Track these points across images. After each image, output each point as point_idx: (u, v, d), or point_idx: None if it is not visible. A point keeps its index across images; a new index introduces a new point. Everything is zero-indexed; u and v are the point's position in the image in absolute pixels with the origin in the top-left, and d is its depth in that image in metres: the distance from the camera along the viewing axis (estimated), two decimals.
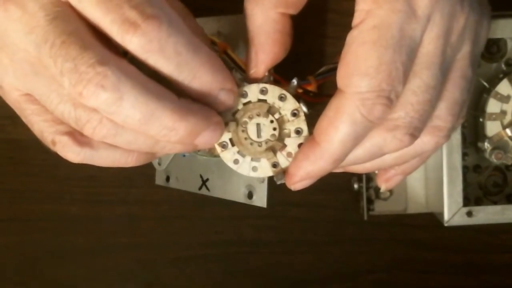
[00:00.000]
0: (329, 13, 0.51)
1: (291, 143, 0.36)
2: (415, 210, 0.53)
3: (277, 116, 0.36)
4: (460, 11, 0.33)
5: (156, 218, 0.57)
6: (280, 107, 0.36)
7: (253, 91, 0.36)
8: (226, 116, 0.36)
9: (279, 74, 0.38)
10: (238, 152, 0.37)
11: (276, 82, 0.37)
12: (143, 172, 0.53)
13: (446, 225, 0.46)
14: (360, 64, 0.32)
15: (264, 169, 0.37)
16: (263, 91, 0.36)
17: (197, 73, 0.32)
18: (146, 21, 0.30)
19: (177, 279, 0.58)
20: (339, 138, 0.33)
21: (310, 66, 0.41)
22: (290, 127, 0.36)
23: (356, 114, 0.32)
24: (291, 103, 0.36)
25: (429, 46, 0.33)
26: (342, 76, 0.32)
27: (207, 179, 0.45)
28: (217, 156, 0.37)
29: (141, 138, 0.33)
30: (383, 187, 0.41)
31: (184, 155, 0.45)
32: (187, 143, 0.33)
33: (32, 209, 0.57)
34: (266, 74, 0.36)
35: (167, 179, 0.49)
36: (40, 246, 0.57)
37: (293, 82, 0.36)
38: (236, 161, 0.37)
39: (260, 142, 0.36)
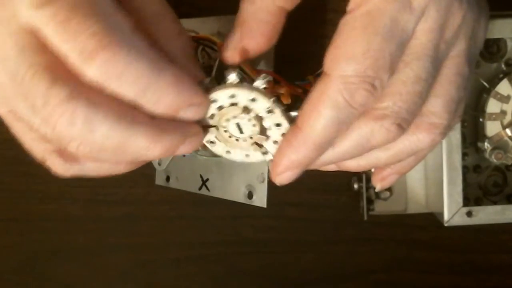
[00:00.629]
0: (329, 13, 0.51)
1: (274, 133, 0.36)
2: (415, 210, 0.53)
3: (253, 114, 0.35)
4: (458, 7, 0.33)
5: (156, 218, 0.57)
6: (253, 108, 0.35)
7: (222, 98, 0.35)
8: (204, 121, 0.35)
9: (279, 74, 0.37)
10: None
11: (276, 83, 0.37)
12: (143, 172, 0.53)
13: (446, 225, 0.46)
14: (348, 48, 0.32)
15: (256, 156, 0.37)
16: (233, 96, 0.35)
17: (161, 96, 0.31)
18: (104, 50, 0.29)
19: (177, 279, 0.58)
20: (321, 122, 0.32)
21: (310, 66, 0.41)
22: (269, 122, 0.36)
23: (339, 98, 0.32)
24: (263, 102, 0.35)
25: (422, 38, 0.33)
26: (329, 59, 0.32)
27: (207, 179, 0.45)
28: (217, 156, 0.37)
29: (123, 155, 0.33)
30: (378, 186, 0.41)
31: (184, 155, 0.45)
32: (167, 155, 0.33)
33: (32, 209, 0.57)
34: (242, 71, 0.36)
35: (167, 179, 0.49)
36: (40, 246, 0.57)
37: (262, 76, 0.35)
38: (228, 152, 0.37)
39: (245, 137, 0.36)
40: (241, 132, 0.36)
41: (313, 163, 0.35)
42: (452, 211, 0.46)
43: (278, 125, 0.36)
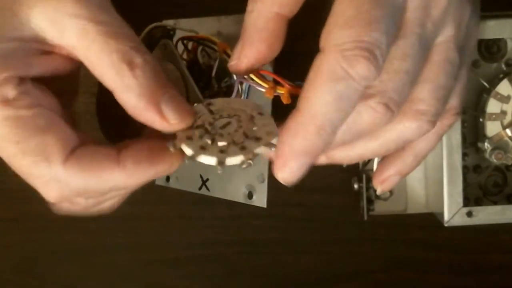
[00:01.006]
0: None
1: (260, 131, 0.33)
2: (415, 210, 0.53)
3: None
4: None
5: (156, 218, 0.57)
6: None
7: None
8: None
9: (279, 74, 0.37)
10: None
11: (276, 83, 0.37)
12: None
13: (446, 225, 0.46)
14: (339, 17, 0.31)
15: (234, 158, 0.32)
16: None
17: (121, 192, 0.36)
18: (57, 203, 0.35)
19: (177, 279, 0.58)
20: (321, 98, 0.30)
21: (310, 67, 0.41)
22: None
23: (336, 67, 0.30)
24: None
25: (408, 14, 0.32)
26: (322, 36, 0.31)
27: (207, 179, 0.45)
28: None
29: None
30: (379, 189, 0.40)
31: None
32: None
33: (32, 209, 0.57)
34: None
35: (167, 179, 0.48)
36: (40, 246, 0.57)
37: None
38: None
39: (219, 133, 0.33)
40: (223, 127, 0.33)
41: (320, 152, 0.31)
42: (452, 211, 0.46)
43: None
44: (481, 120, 0.47)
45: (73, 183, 0.32)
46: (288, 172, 0.31)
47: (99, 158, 0.32)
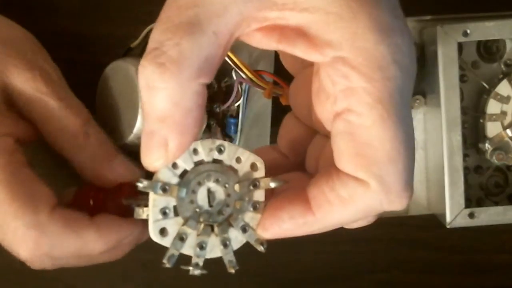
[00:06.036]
0: None
1: (247, 217, 0.33)
2: (417, 212, 0.53)
3: (232, 182, 0.32)
4: None
5: None
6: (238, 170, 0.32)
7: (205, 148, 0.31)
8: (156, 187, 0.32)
9: (279, 76, 0.37)
10: (183, 225, 0.33)
11: (276, 84, 0.37)
12: (143, 172, 0.53)
13: (448, 227, 0.46)
14: (384, 153, 0.30)
15: (213, 249, 0.34)
16: (221, 151, 0.32)
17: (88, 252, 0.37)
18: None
19: (177, 279, 0.58)
20: (341, 218, 0.31)
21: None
22: (247, 196, 0.33)
23: (377, 206, 0.30)
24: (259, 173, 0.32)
25: None
26: (362, 167, 0.30)
27: None
28: None
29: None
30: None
31: None
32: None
33: None
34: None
35: None
36: None
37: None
38: (181, 238, 0.34)
39: (211, 213, 0.33)
40: (211, 204, 0.33)
41: None
42: (454, 213, 0.46)
43: (255, 207, 0.33)
44: (481, 121, 0.47)
45: (53, 235, 0.34)
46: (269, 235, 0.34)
47: (76, 216, 0.36)
